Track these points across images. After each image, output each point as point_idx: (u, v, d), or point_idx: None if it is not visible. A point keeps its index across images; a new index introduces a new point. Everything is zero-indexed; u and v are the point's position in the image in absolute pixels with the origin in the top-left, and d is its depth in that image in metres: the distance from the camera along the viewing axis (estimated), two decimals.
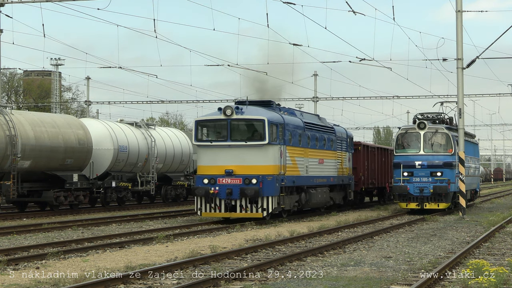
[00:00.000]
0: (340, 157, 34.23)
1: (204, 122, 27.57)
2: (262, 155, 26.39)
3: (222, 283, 12.71)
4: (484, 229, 24.65)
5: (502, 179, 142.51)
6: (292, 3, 28.26)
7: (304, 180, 29.50)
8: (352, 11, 29.35)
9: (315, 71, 61.27)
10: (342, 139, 35.00)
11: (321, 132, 32.10)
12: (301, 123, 29.79)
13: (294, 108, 31.33)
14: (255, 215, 26.13)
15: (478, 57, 31.44)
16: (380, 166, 42.54)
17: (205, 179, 26.40)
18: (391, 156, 42.99)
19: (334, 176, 33.30)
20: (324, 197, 31.86)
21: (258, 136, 26.55)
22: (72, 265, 15.04)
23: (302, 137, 29.53)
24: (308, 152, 30.06)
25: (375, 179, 41.37)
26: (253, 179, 25.97)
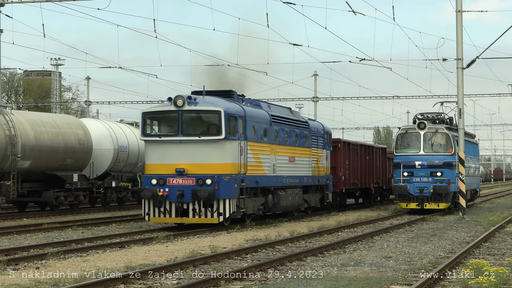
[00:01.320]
0: (315, 155, 31.12)
1: (152, 114, 24.41)
2: (218, 152, 23.34)
3: (222, 283, 12.71)
4: (484, 229, 24.65)
5: (502, 179, 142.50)
6: (292, 3, 28.26)
7: (270, 181, 26.38)
8: (352, 11, 29.35)
9: (315, 71, 61.26)
10: (318, 135, 31.71)
11: (292, 126, 28.85)
12: (267, 116, 26.56)
13: (260, 100, 28.03)
14: (209, 221, 23.16)
15: (478, 57, 31.44)
16: (364, 165, 39.72)
17: (153, 179, 23.44)
18: (377, 154, 41.70)
19: (308, 176, 30.16)
20: (296, 200, 28.79)
21: (213, 130, 23.43)
22: (72, 265, 15.04)
23: (269, 132, 26.32)
24: (275, 149, 26.88)
25: (358, 179, 38.51)
26: (208, 180, 22.93)
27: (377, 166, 41.81)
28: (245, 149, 24.24)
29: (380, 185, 42.56)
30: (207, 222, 23.22)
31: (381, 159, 42.73)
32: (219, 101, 24.13)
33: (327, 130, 33.41)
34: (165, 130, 24.13)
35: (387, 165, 43.43)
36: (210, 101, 24.00)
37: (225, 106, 23.67)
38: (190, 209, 23.10)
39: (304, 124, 30.31)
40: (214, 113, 23.40)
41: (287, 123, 28.36)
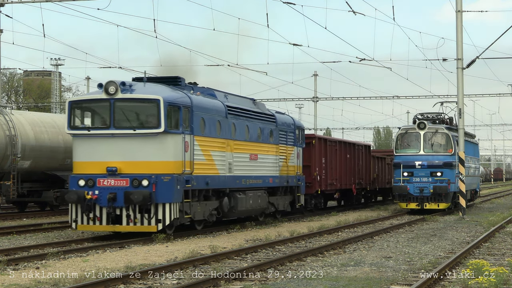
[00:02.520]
0: (283, 152, 27.83)
1: (80, 104, 21.13)
2: (156, 148, 20.21)
3: (222, 283, 12.71)
4: (484, 229, 24.66)
5: (502, 179, 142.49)
6: (292, 3, 28.26)
7: (225, 181, 23.18)
8: (352, 11, 29.35)
9: (315, 71, 61.27)
10: (288, 130, 28.43)
11: (255, 120, 25.56)
12: (222, 107, 23.29)
13: (215, 89, 24.36)
14: (146, 229, 19.88)
15: (478, 57, 31.45)
16: (345, 165, 36.62)
17: (80, 180, 20.11)
18: (359, 153, 39.06)
19: (274, 176, 26.92)
20: (259, 203, 25.53)
21: (151, 122, 20.28)
22: (72, 265, 15.04)
23: (223, 125, 23.12)
24: (232, 145, 23.65)
25: (337, 180, 35.25)
26: (144, 180, 19.73)
27: (359, 165, 39.04)
28: (191, 144, 21.06)
29: (364, 186, 39.88)
30: (144, 230, 19.98)
31: (364, 158, 40.01)
32: (160, 88, 21.04)
33: (299, 125, 30.08)
34: (94, 122, 20.93)
35: (371, 164, 41.25)
36: (149, 88, 20.93)
37: (166, 94, 20.56)
38: (124, 215, 19.85)
39: (269, 117, 27.08)
40: (152, 102, 20.20)
41: (248, 115, 25.15)
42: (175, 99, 20.62)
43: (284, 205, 28.51)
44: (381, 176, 43.02)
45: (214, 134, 22.59)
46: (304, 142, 30.42)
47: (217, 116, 22.80)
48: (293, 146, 28.96)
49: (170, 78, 22.71)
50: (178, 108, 20.59)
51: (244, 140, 24.60)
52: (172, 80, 22.54)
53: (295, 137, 29.20)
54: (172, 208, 20.09)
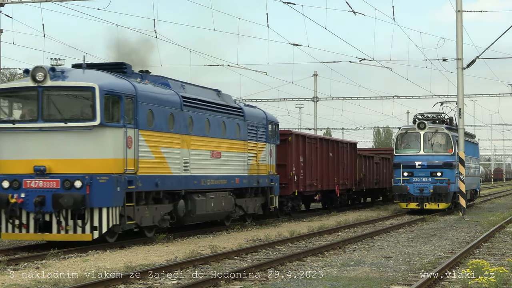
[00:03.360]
0: (253, 149, 25.38)
1: (4, 93, 18.47)
2: (92, 144, 17.66)
3: (222, 283, 12.71)
4: (484, 229, 24.66)
5: (502, 179, 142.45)
6: (292, 3, 28.25)
7: (180, 182, 20.71)
8: (352, 11, 29.34)
9: (315, 71, 61.25)
10: (258, 125, 25.96)
11: (218, 113, 23.01)
12: (176, 98, 20.77)
13: (171, 78, 21.87)
14: (80, 238, 17.41)
15: (478, 57, 31.46)
16: (327, 164, 33.99)
17: (4, 181, 17.60)
18: (344, 151, 36.63)
19: (242, 176, 24.49)
20: (223, 206, 23.17)
21: (85, 114, 17.72)
22: (72, 265, 15.04)
23: (178, 118, 20.64)
24: (189, 140, 21.23)
25: (317, 180, 32.59)
26: (77, 181, 17.25)
27: (344, 165, 36.43)
28: (135, 140, 18.60)
29: (349, 187, 37.39)
30: (77, 239, 17.50)
31: (349, 157, 37.55)
32: (99, 75, 18.48)
33: (272, 120, 27.48)
34: (21, 115, 18.43)
35: (357, 163, 38.76)
36: (86, 75, 18.37)
37: (104, 81, 18.03)
38: (54, 221, 17.37)
39: (236, 111, 24.49)
40: (86, 90, 17.64)
41: (210, 108, 22.60)
42: (115, 87, 18.02)
43: (255, 208, 26.05)
44: (368, 176, 40.82)
45: (165, 128, 20.04)
46: (278, 138, 28.06)
47: (169, 108, 20.26)
48: (265, 143, 26.48)
49: (114, 65, 20.17)
50: (118, 97, 18.02)
51: (204, 136, 22.12)
52: (116, 66, 19.97)
53: (267, 133, 26.68)
54: (111, 213, 17.65)
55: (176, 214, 20.73)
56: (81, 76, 18.22)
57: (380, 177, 43.04)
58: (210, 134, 22.50)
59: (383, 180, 43.57)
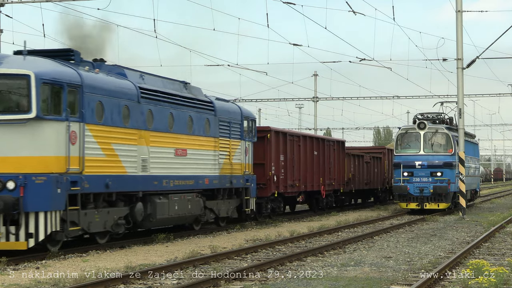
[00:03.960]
0: (225, 147, 23.54)
1: None
2: (27, 139, 15.78)
3: (222, 283, 12.71)
4: (484, 229, 24.66)
5: (502, 179, 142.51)
6: (292, 3, 28.26)
7: (136, 183, 18.70)
8: (352, 11, 29.35)
9: (315, 71, 61.27)
10: (232, 121, 24.04)
11: (183, 107, 21.11)
12: (133, 89, 18.75)
13: (127, 67, 19.82)
14: (14, 246, 15.58)
15: (478, 57, 31.46)
16: (311, 163, 31.76)
17: None
18: (330, 149, 34.35)
19: (212, 176, 22.60)
20: (190, 209, 21.23)
21: (20, 105, 15.87)
22: (72, 265, 15.04)
23: (134, 112, 18.60)
24: (148, 137, 19.22)
25: (300, 180, 30.42)
26: (9, 182, 15.42)
27: (330, 164, 34.15)
28: (80, 135, 16.65)
29: (336, 188, 35.09)
30: (10, 248, 15.59)
31: (336, 155, 35.18)
32: (39, 62, 16.53)
33: (248, 115, 25.51)
34: None
35: (345, 162, 36.54)
36: (24, 62, 16.38)
37: (43, 68, 16.14)
38: None
39: (206, 105, 22.58)
40: (20, 79, 15.74)
41: (173, 101, 20.69)
42: (55, 76, 16.13)
43: (228, 211, 24.12)
44: (358, 176, 38.55)
45: (119, 123, 18.00)
46: (255, 135, 26.03)
47: (124, 100, 18.22)
48: (239, 140, 24.55)
49: (59, 51, 18.13)
50: (60, 87, 16.15)
51: (167, 132, 20.18)
52: (62, 53, 17.95)
53: (242, 130, 24.74)
54: (49, 218, 15.67)
55: (133, 218, 18.80)
56: (18, 63, 16.25)
57: (371, 177, 41.04)
58: (174, 130, 20.58)
59: (374, 181, 41.70)
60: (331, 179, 34.10)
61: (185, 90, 22.14)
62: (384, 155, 43.47)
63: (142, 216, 19.11)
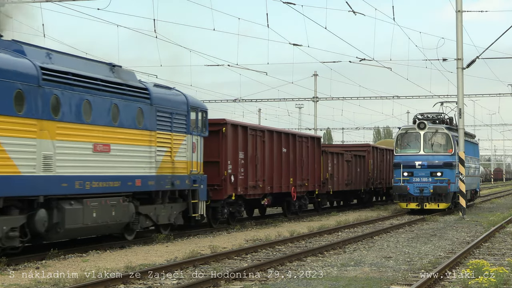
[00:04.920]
0: (165, 142, 20.23)
1: None
2: None
3: (222, 283, 12.71)
4: (484, 229, 24.67)
5: (502, 179, 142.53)
6: (292, 3, 28.25)
7: (35, 185, 15.40)
8: (352, 11, 29.34)
9: (315, 71, 61.28)
10: (175, 111, 20.73)
11: (106, 93, 17.66)
12: (31, 69, 15.50)
13: (30, 44, 16.83)
14: None
15: (478, 57, 31.46)
16: (279, 161, 28.21)
17: None
18: (303, 146, 30.85)
19: (146, 176, 19.24)
20: (114, 216, 17.85)
21: None
22: (72, 265, 15.04)
23: (32, 97, 15.34)
24: (54, 128, 15.97)
25: (265, 181, 26.88)
26: None
27: (303, 163, 30.68)
28: None
29: (310, 189, 31.57)
30: None
31: (311, 153, 31.73)
32: None
33: (196, 105, 22.25)
34: None
35: (322, 161, 33.07)
36: None
37: None
38: None
39: (138, 92, 19.22)
40: None
41: (91, 86, 17.30)
42: None
43: (171, 217, 20.81)
44: (337, 176, 35.05)
45: (8, 111, 14.71)
46: (206, 129, 22.82)
47: (17, 82, 15.00)
48: (184, 134, 21.31)
49: None
50: None
51: (81, 123, 16.88)
52: None
53: (188, 122, 21.53)
54: None
55: (33, 228, 15.55)
56: None
57: (353, 177, 37.57)
58: (93, 121, 17.25)
59: (358, 181, 38.45)
60: (303, 179, 30.68)
61: (112, 73, 18.65)
62: (369, 153, 40.55)
63: (46, 226, 15.81)
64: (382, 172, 42.65)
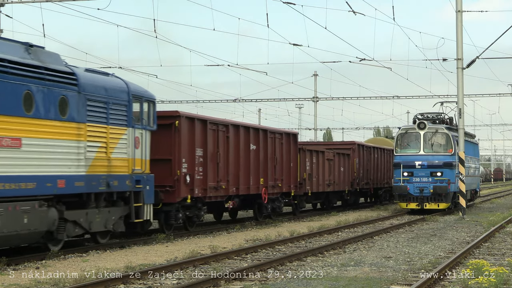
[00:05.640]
0: (99, 136, 17.54)
1: None
2: None
3: (222, 283, 12.71)
4: (484, 229, 24.67)
5: (502, 179, 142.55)
6: (292, 3, 28.25)
7: None
8: (352, 11, 29.35)
9: (315, 71, 61.32)
10: (111, 101, 17.95)
11: (14, 76, 14.87)
12: None
13: None
14: None
15: (478, 57, 31.46)
16: (246, 159, 25.18)
17: None
18: (276, 143, 27.72)
19: (72, 177, 16.48)
20: (28, 224, 15.14)
21: None
22: (72, 265, 15.04)
23: None
24: None
25: (229, 182, 23.91)
26: None
27: (276, 161, 27.69)
28: None
29: (285, 190, 28.47)
30: None
31: (286, 151, 28.65)
32: None
33: (139, 94, 19.44)
34: None
35: (299, 160, 30.12)
36: None
37: None
38: None
39: (62, 77, 16.46)
40: None
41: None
42: None
43: (108, 223, 18.12)
44: (317, 177, 32.11)
45: None
46: (154, 122, 20.06)
47: None
48: (124, 128, 18.56)
49: None
50: None
51: None
52: None
53: (130, 113, 18.84)
54: None
55: None
56: None
57: (335, 177, 34.52)
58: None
59: (341, 181, 35.38)
60: (276, 179, 27.67)
61: (27, 55, 15.87)
62: (354, 151, 37.41)
63: None
64: (370, 171, 39.81)
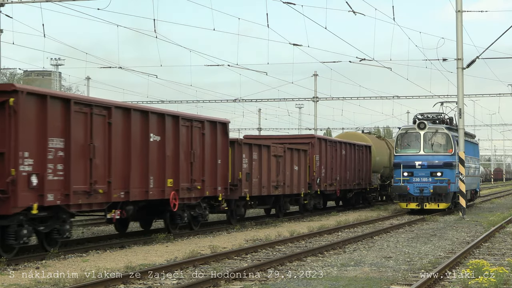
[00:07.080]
0: None
1: None
2: None
3: (222, 283, 12.72)
4: (484, 229, 24.67)
5: (502, 179, 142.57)
6: (292, 3, 28.24)
7: None
8: (352, 11, 29.35)
9: (315, 71, 61.32)
10: None
11: None
12: None
13: None
14: None
15: (478, 57, 31.45)
16: (144, 154, 19.26)
17: None
18: (196, 134, 21.92)
19: None
20: None
21: None
22: (72, 265, 15.04)
23: None
24: None
25: (111, 184, 17.70)
26: None
27: (193, 157, 21.78)
28: None
29: (208, 194, 22.59)
30: None
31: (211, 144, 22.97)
32: None
33: None
34: None
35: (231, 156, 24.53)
36: None
37: None
38: None
39: None
40: None
41: None
42: None
43: None
44: (258, 177, 26.24)
45: None
46: None
47: None
48: None
49: None
50: None
51: None
52: None
53: None
54: None
55: None
56: None
57: (287, 177, 28.72)
58: None
59: (295, 183, 29.56)
60: (194, 181, 21.88)
61: None
62: (313, 146, 31.69)
63: None
64: (335, 171, 34.40)
